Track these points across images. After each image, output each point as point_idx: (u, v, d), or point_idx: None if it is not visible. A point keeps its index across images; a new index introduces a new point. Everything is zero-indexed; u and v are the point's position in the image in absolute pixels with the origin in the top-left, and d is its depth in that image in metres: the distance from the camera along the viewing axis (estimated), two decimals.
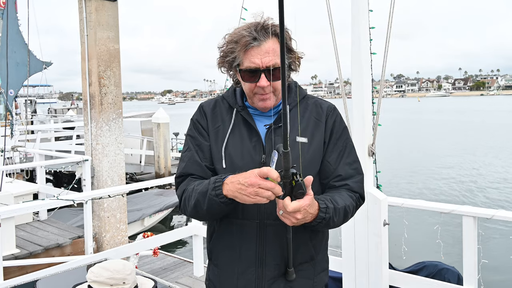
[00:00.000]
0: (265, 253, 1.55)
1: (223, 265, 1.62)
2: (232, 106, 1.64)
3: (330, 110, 1.66)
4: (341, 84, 2.99)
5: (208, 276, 1.72)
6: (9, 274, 3.94)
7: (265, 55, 1.49)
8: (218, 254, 1.64)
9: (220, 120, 1.64)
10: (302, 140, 1.56)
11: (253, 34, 1.50)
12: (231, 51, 1.54)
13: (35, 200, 6.25)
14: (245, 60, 1.52)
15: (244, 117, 1.61)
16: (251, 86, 1.54)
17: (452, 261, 3.49)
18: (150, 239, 4.19)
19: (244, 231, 1.56)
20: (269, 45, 1.50)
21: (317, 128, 1.61)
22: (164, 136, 15.64)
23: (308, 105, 1.66)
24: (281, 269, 1.56)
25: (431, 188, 15.69)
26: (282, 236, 1.52)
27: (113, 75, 6.33)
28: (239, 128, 1.58)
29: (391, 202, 2.93)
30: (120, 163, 6.45)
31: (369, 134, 2.82)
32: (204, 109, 1.68)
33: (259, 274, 1.56)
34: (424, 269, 3.40)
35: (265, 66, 1.49)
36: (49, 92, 40.42)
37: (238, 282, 1.58)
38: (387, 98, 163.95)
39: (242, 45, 1.50)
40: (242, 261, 1.57)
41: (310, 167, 1.56)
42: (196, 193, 1.51)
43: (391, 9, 2.70)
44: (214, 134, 1.62)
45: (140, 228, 9.31)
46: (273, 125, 1.56)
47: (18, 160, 9.72)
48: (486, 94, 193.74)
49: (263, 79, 1.50)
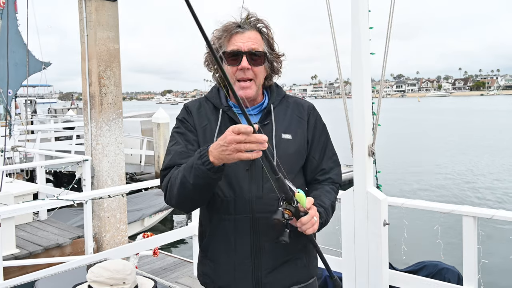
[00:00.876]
0: (260, 245, 1.60)
1: (219, 259, 1.65)
2: (216, 107, 1.70)
3: (310, 109, 1.77)
4: (341, 84, 2.99)
5: (202, 272, 1.74)
6: (9, 274, 3.94)
7: (247, 40, 1.62)
8: (214, 249, 1.66)
9: (206, 119, 1.68)
10: (286, 137, 1.65)
11: (237, 23, 1.65)
12: (218, 37, 1.65)
13: (35, 200, 6.26)
14: (229, 45, 1.63)
15: (230, 116, 1.66)
16: (233, 69, 1.62)
17: (452, 261, 3.49)
18: (150, 239, 4.19)
19: (238, 226, 1.60)
20: (251, 34, 1.64)
21: (300, 126, 1.71)
22: (164, 136, 15.64)
23: (289, 104, 1.75)
24: (277, 260, 1.62)
25: (431, 188, 15.70)
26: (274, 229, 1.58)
27: (113, 75, 6.33)
28: (226, 127, 1.59)
29: (391, 202, 2.93)
30: (120, 163, 6.45)
31: (369, 134, 2.82)
32: (189, 108, 1.73)
33: (256, 266, 1.61)
34: (424, 269, 3.40)
35: (246, 49, 1.61)
36: (49, 92, 40.43)
37: (235, 274, 1.62)
38: (387, 98, 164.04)
39: (227, 32, 1.64)
40: (237, 254, 1.61)
41: (295, 162, 1.68)
42: (182, 171, 1.52)
43: (391, 9, 2.70)
44: (202, 133, 1.66)
45: (140, 228, 9.31)
46: (259, 124, 1.59)
47: (18, 160, 9.71)
48: (486, 94, 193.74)
49: (244, 61, 1.60)
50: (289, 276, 1.65)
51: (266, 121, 1.66)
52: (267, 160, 1.38)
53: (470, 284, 2.73)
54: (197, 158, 1.45)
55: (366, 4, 2.70)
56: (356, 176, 2.72)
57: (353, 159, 2.75)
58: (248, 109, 1.66)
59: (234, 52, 1.61)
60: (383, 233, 2.73)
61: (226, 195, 1.60)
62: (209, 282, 1.70)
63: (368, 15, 2.73)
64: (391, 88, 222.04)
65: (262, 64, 1.66)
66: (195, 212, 4.43)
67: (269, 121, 1.67)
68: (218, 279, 1.66)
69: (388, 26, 2.70)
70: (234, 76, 1.62)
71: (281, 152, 1.59)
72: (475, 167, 19.41)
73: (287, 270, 1.64)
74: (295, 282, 1.67)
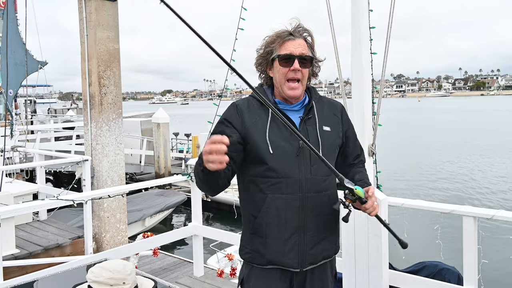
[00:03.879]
0: (306, 221, 1.86)
1: (271, 234, 1.86)
2: (264, 103, 1.89)
3: (342, 107, 2.08)
4: (341, 84, 2.99)
5: (251, 248, 1.91)
6: (9, 274, 3.93)
7: (298, 47, 1.89)
8: (267, 226, 1.86)
9: (256, 115, 1.90)
10: (327, 129, 1.94)
11: (289, 31, 1.92)
12: (272, 41, 1.92)
13: (35, 200, 6.25)
14: (281, 50, 1.90)
15: (279, 110, 1.87)
16: (285, 70, 1.89)
17: (452, 261, 3.49)
18: (150, 239, 4.19)
19: (289, 204, 1.84)
20: (301, 41, 1.92)
21: (335, 121, 2.00)
22: (164, 136, 15.65)
23: (324, 102, 2.03)
24: (319, 235, 1.89)
25: (431, 188, 15.70)
26: (320, 206, 1.87)
27: (113, 75, 6.32)
28: (275, 120, 1.87)
29: (391, 202, 2.93)
30: (120, 163, 6.45)
31: (369, 134, 2.82)
32: (239, 107, 1.93)
33: (301, 240, 1.86)
34: (424, 269, 3.40)
35: (298, 54, 1.88)
36: (49, 92, 40.39)
37: (284, 248, 1.85)
38: (387, 98, 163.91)
39: (281, 38, 1.90)
40: (287, 229, 1.85)
41: (334, 151, 1.96)
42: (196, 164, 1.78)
43: (391, 9, 2.70)
44: (253, 127, 1.87)
45: (141, 229, 9.29)
46: (305, 117, 1.91)
47: (18, 160, 9.72)
48: (486, 94, 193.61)
49: (296, 63, 1.87)
50: (326, 250, 1.93)
51: (310, 115, 1.93)
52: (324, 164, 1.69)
53: (470, 284, 2.72)
54: (198, 162, 1.70)
55: (366, 4, 2.70)
56: None
57: None
58: (293, 105, 1.94)
59: (288, 56, 1.88)
60: (383, 233, 2.73)
61: (280, 177, 1.84)
62: (258, 257, 1.90)
63: (369, 14, 2.73)
64: (391, 88, 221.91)
65: (309, 67, 1.94)
66: (195, 212, 4.43)
67: (312, 115, 1.93)
68: (269, 253, 1.87)
69: (388, 26, 2.71)
70: (285, 76, 1.89)
71: (324, 141, 1.89)
72: (476, 167, 19.41)
73: (325, 245, 1.92)
74: (328, 255, 1.96)
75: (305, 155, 1.85)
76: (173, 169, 15.92)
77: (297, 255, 1.86)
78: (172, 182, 8.81)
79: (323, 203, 1.88)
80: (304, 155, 1.85)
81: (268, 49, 1.93)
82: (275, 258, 1.87)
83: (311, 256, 1.88)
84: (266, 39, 1.96)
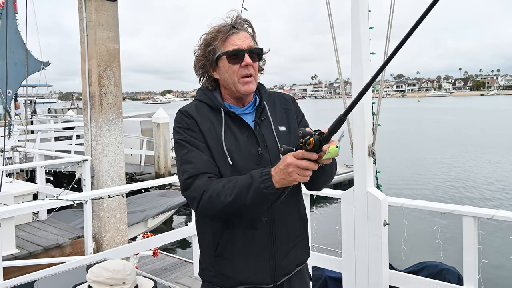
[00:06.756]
0: (275, 233, 1.70)
1: (239, 255, 1.68)
2: (214, 107, 1.74)
3: (293, 99, 1.94)
4: (341, 84, 2.99)
5: (218, 272, 1.71)
6: (8, 274, 3.93)
7: (244, 39, 1.70)
8: (233, 247, 1.68)
9: (208, 121, 1.70)
10: (282, 129, 1.78)
11: (231, 24, 1.71)
12: (213, 38, 1.70)
13: (35, 200, 6.25)
14: (227, 46, 1.68)
15: (232, 115, 1.73)
16: (235, 68, 1.68)
17: (452, 261, 3.49)
18: (150, 239, 4.19)
19: (255, 220, 1.66)
20: (245, 33, 1.73)
21: (290, 117, 1.85)
22: (164, 136, 15.64)
23: (274, 98, 1.87)
24: (289, 244, 1.75)
25: (431, 188, 15.70)
26: (287, 214, 1.73)
27: (113, 75, 6.32)
28: (229, 125, 1.71)
29: (391, 202, 2.93)
30: (120, 163, 6.45)
31: (369, 134, 2.82)
32: (188, 113, 1.72)
33: (272, 253, 1.71)
34: (425, 269, 3.40)
35: (246, 47, 1.69)
36: (49, 92, 40.33)
37: (255, 265, 1.69)
38: (387, 98, 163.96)
39: (223, 33, 1.69)
40: (256, 246, 1.68)
41: None
42: (236, 189, 1.53)
43: (391, 9, 2.70)
44: (208, 135, 1.68)
45: (143, 230, 9.20)
46: (259, 120, 1.74)
47: (18, 160, 9.72)
48: (486, 94, 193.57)
49: (247, 58, 1.68)
50: (298, 258, 1.80)
51: (263, 117, 1.76)
52: None
53: (470, 284, 2.72)
54: (260, 182, 1.48)
55: (366, 4, 2.70)
56: (356, 176, 2.71)
57: (353, 159, 2.75)
58: (244, 107, 1.77)
59: (236, 51, 1.67)
60: (383, 233, 2.72)
61: None
62: (226, 280, 1.71)
63: (368, 15, 2.73)
64: (391, 88, 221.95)
65: (259, 61, 1.77)
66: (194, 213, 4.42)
67: (265, 116, 1.77)
68: (238, 275, 1.69)
69: (388, 26, 2.70)
70: (237, 73, 1.69)
71: (282, 142, 1.71)
72: (476, 167, 19.40)
73: (296, 253, 1.79)
74: (301, 261, 1.83)
75: (266, 161, 1.68)
76: (173, 169, 15.90)
77: (268, 270, 1.70)
78: (172, 182, 8.79)
79: (290, 209, 1.74)
80: (264, 161, 1.67)
81: (209, 48, 1.70)
82: (245, 278, 1.69)
83: (283, 269, 1.74)
84: (204, 37, 1.73)
